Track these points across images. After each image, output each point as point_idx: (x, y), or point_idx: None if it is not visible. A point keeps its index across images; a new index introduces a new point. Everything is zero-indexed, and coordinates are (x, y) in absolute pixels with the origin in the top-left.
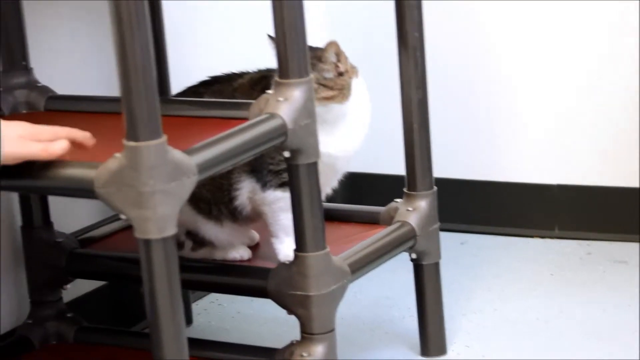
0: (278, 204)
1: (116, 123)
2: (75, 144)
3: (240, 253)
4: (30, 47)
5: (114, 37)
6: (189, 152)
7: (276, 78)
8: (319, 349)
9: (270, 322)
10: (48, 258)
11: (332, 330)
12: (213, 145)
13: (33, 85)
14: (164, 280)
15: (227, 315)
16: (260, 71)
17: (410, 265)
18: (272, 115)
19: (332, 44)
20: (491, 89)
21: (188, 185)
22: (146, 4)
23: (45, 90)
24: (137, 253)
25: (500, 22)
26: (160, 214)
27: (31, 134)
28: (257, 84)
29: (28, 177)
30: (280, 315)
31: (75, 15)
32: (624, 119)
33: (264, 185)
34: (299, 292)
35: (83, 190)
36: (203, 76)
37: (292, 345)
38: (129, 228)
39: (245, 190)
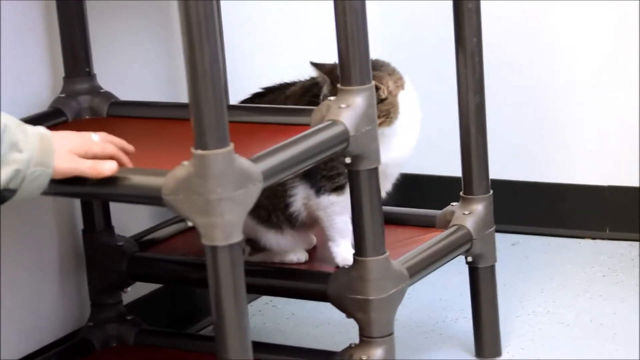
0: (333, 208)
1: (179, 129)
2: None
3: (298, 256)
4: (93, 53)
5: (183, 46)
6: (255, 159)
7: (338, 85)
8: (377, 352)
9: (324, 325)
10: (109, 262)
11: (391, 333)
12: (278, 152)
13: (96, 91)
14: (229, 285)
15: (281, 317)
16: (312, 78)
17: (461, 266)
18: (335, 122)
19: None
20: (544, 91)
21: (254, 192)
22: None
23: (108, 95)
24: (195, 256)
25: (561, 21)
26: (227, 221)
27: (81, 146)
28: (308, 90)
29: (95, 184)
30: (335, 318)
31: (137, 21)
32: None
33: (318, 191)
34: (358, 296)
35: (151, 198)
36: (260, 83)
37: (350, 348)
38: (186, 231)
39: (300, 197)
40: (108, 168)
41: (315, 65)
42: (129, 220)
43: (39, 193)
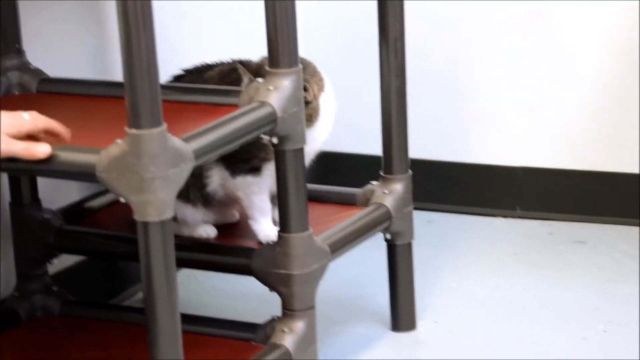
0: (251, 188)
1: (109, 107)
2: (53, 136)
3: (207, 231)
4: (23, 30)
5: (119, 28)
6: (186, 139)
7: (266, 67)
8: (299, 325)
9: (245, 297)
10: (36, 234)
11: (313, 307)
12: (208, 132)
13: (25, 67)
14: (160, 260)
15: (203, 290)
16: (231, 62)
17: (379, 243)
18: (263, 104)
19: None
20: (458, 73)
21: (185, 171)
22: None
23: (37, 72)
24: (121, 230)
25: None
26: (160, 199)
27: (13, 127)
28: (226, 76)
29: (29, 160)
30: (256, 291)
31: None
32: (583, 106)
33: (234, 172)
34: (282, 271)
35: (85, 174)
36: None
37: (273, 321)
38: (112, 205)
39: (216, 178)
40: (42, 151)
41: (241, 63)
42: (56, 193)
43: None
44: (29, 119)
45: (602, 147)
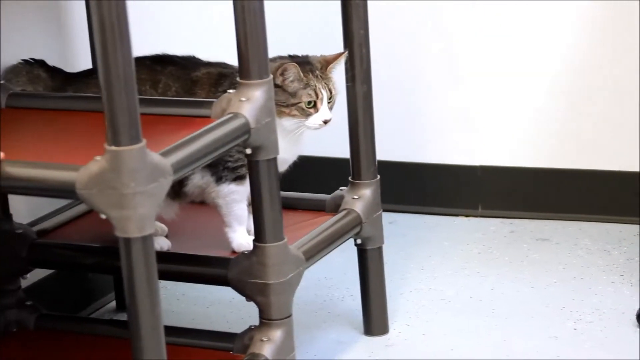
0: (232, 196)
1: (80, 121)
2: None
3: (161, 244)
4: None
5: (97, 47)
6: (164, 153)
7: (237, 79)
8: (277, 334)
9: (215, 305)
10: (9, 249)
11: (290, 315)
12: (185, 146)
13: None
14: (142, 275)
15: (172, 298)
16: (218, 66)
17: (344, 246)
18: (236, 115)
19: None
20: (416, 73)
21: (165, 185)
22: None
23: (5, 87)
24: (91, 243)
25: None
26: (140, 214)
27: None
28: (216, 84)
29: (8, 177)
30: (225, 298)
31: (27, 10)
32: (541, 103)
33: (219, 179)
34: (259, 281)
35: (64, 192)
36: None
37: (250, 330)
38: (81, 217)
39: (197, 180)
40: None
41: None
42: (25, 207)
43: None
44: None
45: (559, 144)
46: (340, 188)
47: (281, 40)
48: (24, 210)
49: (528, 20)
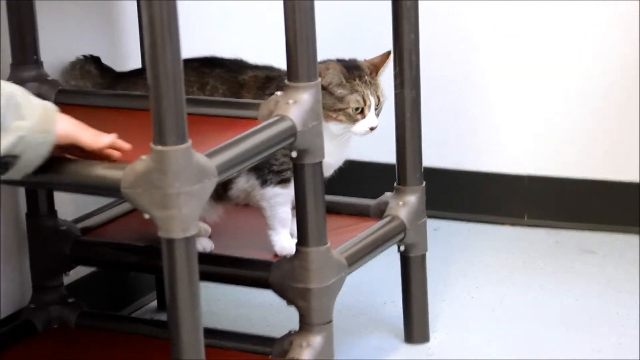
0: (277, 199)
1: (127, 119)
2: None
3: (203, 245)
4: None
5: (146, 45)
6: (210, 155)
7: (286, 81)
8: (317, 339)
9: (256, 307)
10: (53, 245)
11: (330, 321)
12: (231, 147)
13: (43, 78)
14: (185, 276)
15: (212, 298)
16: (265, 70)
17: (388, 250)
18: (283, 117)
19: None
20: (467, 82)
21: (209, 186)
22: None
23: (54, 83)
24: (134, 242)
25: (483, 22)
26: (185, 215)
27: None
28: (264, 86)
29: (55, 175)
30: (266, 301)
31: (82, 10)
32: (591, 114)
33: (264, 183)
34: (300, 285)
35: (110, 190)
36: None
37: (290, 334)
38: (125, 215)
39: (242, 183)
40: (107, 141)
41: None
42: (71, 204)
43: (41, 161)
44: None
45: (609, 156)
46: (385, 193)
47: (329, 42)
48: (68, 207)
49: (573, 26)
